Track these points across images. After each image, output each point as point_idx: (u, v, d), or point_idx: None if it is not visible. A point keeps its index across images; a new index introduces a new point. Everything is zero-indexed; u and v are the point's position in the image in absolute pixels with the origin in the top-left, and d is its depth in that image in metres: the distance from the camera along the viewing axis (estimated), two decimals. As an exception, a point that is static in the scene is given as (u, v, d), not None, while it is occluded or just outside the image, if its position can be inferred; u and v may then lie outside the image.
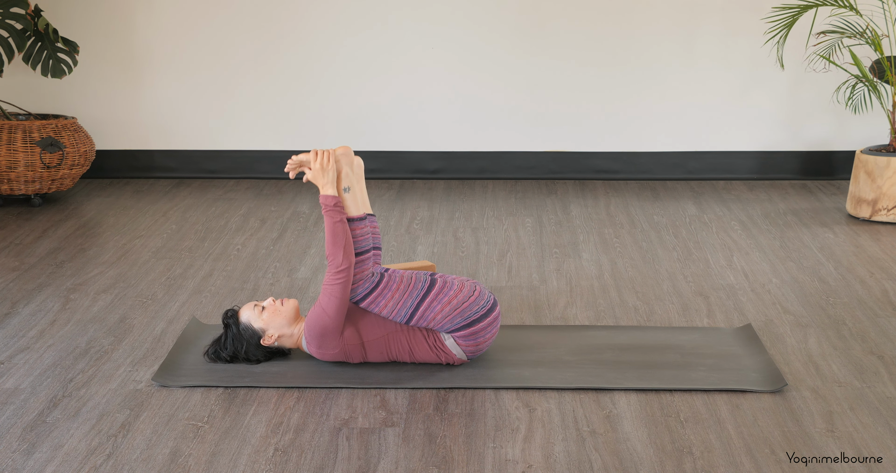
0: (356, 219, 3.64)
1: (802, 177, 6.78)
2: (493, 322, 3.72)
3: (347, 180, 3.63)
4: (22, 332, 4.19)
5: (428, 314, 3.64)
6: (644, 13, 6.57)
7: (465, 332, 3.68)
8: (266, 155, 6.76)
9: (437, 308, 3.64)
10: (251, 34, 6.62)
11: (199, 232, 5.60)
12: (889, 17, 6.06)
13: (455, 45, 6.62)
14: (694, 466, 3.14)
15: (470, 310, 3.66)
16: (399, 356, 3.76)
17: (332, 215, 3.58)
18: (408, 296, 3.63)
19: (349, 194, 3.64)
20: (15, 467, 3.15)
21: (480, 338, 3.71)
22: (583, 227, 5.70)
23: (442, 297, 3.65)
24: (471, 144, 6.77)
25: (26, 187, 6.03)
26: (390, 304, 3.63)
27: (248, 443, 3.28)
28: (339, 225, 3.56)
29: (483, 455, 3.20)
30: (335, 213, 3.57)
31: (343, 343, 3.70)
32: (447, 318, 3.65)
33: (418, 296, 3.64)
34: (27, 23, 5.96)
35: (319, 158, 3.62)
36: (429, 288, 3.66)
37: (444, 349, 3.72)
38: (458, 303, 3.65)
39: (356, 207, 3.65)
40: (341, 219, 3.57)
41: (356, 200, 3.66)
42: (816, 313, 4.39)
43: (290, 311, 3.79)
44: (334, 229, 3.55)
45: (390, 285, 3.64)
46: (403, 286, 3.65)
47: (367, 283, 3.62)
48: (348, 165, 3.64)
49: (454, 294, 3.66)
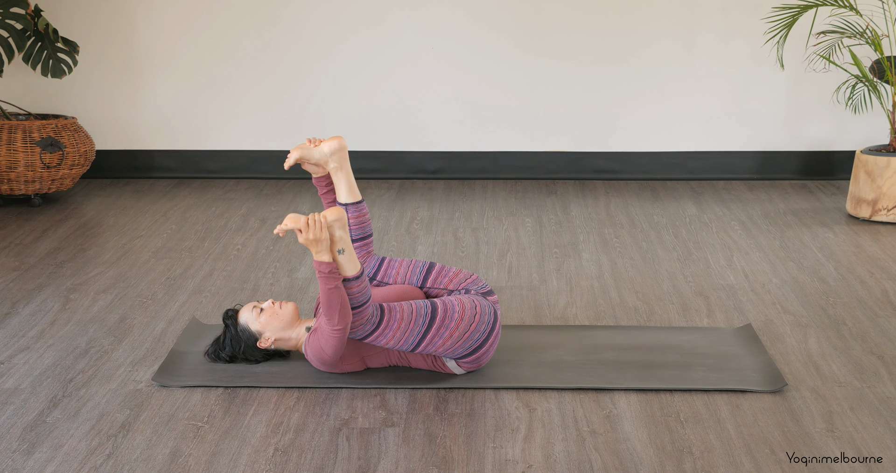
0: (352, 278, 3.54)
1: (802, 177, 6.78)
2: (495, 340, 3.71)
3: (341, 243, 3.53)
4: (22, 332, 4.19)
5: (431, 348, 3.62)
6: (644, 13, 6.57)
7: (468, 358, 3.68)
8: (266, 155, 6.76)
9: (440, 342, 3.61)
10: (251, 34, 6.62)
11: (199, 232, 5.60)
12: (889, 17, 6.06)
13: (455, 45, 6.62)
14: (694, 466, 3.14)
15: (472, 338, 3.63)
16: (399, 363, 3.77)
17: (326, 282, 3.49)
18: (409, 334, 3.59)
19: (344, 256, 3.53)
20: (15, 467, 3.15)
21: (483, 359, 3.71)
22: (583, 227, 5.70)
23: (444, 331, 3.60)
24: (471, 144, 6.78)
25: (26, 187, 6.03)
26: (392, 341, 3.60)
27: (248, 443, 3.28)
28: (334, 291, 3.49)
29: (483, 455, 3.20)
30: (330, 280, 3.49)
31: (343, 365, 3.70)
32: (450, 349, 3.63)
33: (420, 333, 3.59)
34: (27, 23, 5.96)
35: (312, 228, 3.50)
36: (430, 321, 3.60)
37: (444, 368, 3.73)
38: (460, 334, 3.61)
39: (352, 267, 3.54)
40: (336, 285, 3.49)
41: (352, 258, 3.56)
42: (816, 313, 4.39)
43: (288, 315, 3.77)
44: (329, 296, 3.49)
45: (391, 324, 3.58)
46: (405, 324, 3.59)
47: (367, 325, 3.57)
48: (341, 229, 3.54)
49: (456, 324, 3.61)
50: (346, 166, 3.84)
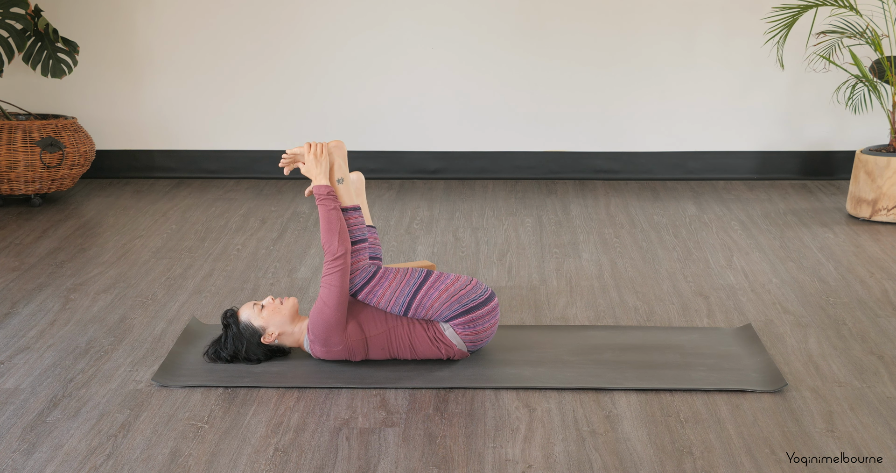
0: (349, 209, 3.73)
1: (802, 177, 6.78)
2: (492, 312, 3.75)
3: (340, 172, 3.74)
4: (22, 332, 4.19)
5: (426, 301, 3.68)
6: (644, 13, 6.57)
7: (463, 319, 3.70)
8: (266, 155, 6.76)
9: (435, 295, 3.68)
10: (251, 34, 6.62)
11: (199, 232, 5.60)
12: (889, 17, 6.06)
13: (455, 45, 6.62)
14: (694, 466, 3.14)
15: (467, 297, 3.71)
16: (400, 351, 3.76)
17: (325, 203, 3.67)
18: (404, 285, 3.69)
19: (342, 186, 3.74)
20: (15, 467, 3.15)
21: (479, 327, 3.72)
22: (583, 227, 5.70)
23: (439, 285, 3.71)
24: (471, 144, 6.78)
25: (26, 187, 6.03)
26: (388, 293, 3.68)
27: (248, 443, 3.28)
28: (332, 213, 3.66)
29: (483, 455, 3.21)
30: (328, 201, 3.67)
31: (347, 339, 3.70)
32: (444, 305, 3.68)
33: (415, 285, 3.69)
34: (27, 23, 5.96)
35: (312, 150, 3.74)
36: (425, 278, 3.73)
37: (443, 340, 3.73)
38: (454, 291, 3.70)
39: (349, 197, 3.75)
40: (335, 207, 3.67)
41: (349, 190, 3.76)
42: (816, 313, 4.39)
43: (290, 309, 3.80)
44: (328, 217, 3.65)
45: (387, 274, 3.72)
46: (400, 277, 3.72)
47: (363, 273, 3.70)
48: (341, 158, 3.76)
49: (450, 283, 3.72)
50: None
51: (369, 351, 3.75)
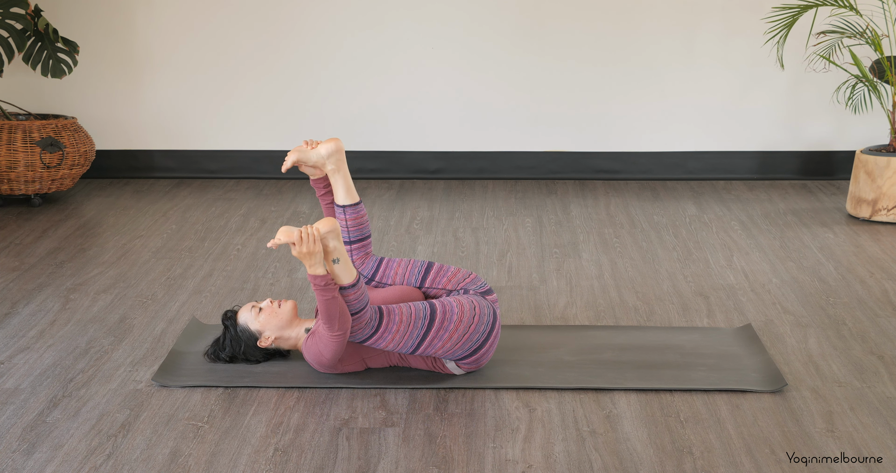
0: (349, 286, 3.53)
1: (802, 177, 6.78)
2: (495, 340, 3.71)
3: (335, 253, 3.51)
4: (22, 332, 4.19)
5: (430, 350, 3.62)
6: (644, 13, 6.57)
7: (468, 360, 3.68)
8: (266, 155, 6.76)
9: (440, 344, 3.61)
10: (251, 34, 6.62)
11: (199, 232, 5.60)
12: (889, 17, 6.06)
13: (455, 45, 6.62)
14: (694, 466, 3.14)
15: (472, 339, 3.63)
16: (399, 364, 3.77)
17: (323, 293, 3.48)
18: (408, 336, 3.59)
19: (339, 265, 3.51)
20: (15, 467, 3.15)
21: (483, 360, 3.71)
22: (583, 227, 5.70)
23: (443, 333, 3.60)
24: (471, 144, 6.78)
25: (26, 187, 6.03)
26: (392, 344, 3.60)
27: (248, 443, 3.28)
28: (331, 301, 3.48)
29: (483, 455, 3.20)
30: (326, 291, 3.48)
31: (343, 366, 3.70)
32: (450, 351, 3.63)
33: (419, 335, 3.59)
34: (27, 23, 5.96)
35: (306, 242, 3.47)
36: (430, 323, 3.59)
37: (443, 369, 3.73)
38: (460, 336, 3.61)
39: (348, 275, 3.53)
40: (333, 296, 3.48)
41: (348, 267, 3.54)
42: (816, 313, 4.39)
43: (288, 313, 3.77)
44: (327, 306, 3.48)
45: (390, 327, 3.58)
46: (404, 327, 3.58)
47: (366, 329, 3.57)
48: (335, 239, 3.52)
49: (455, 326, 3.61)
50: (343, 168, 3.84)
51: (368, 365, 3.76)
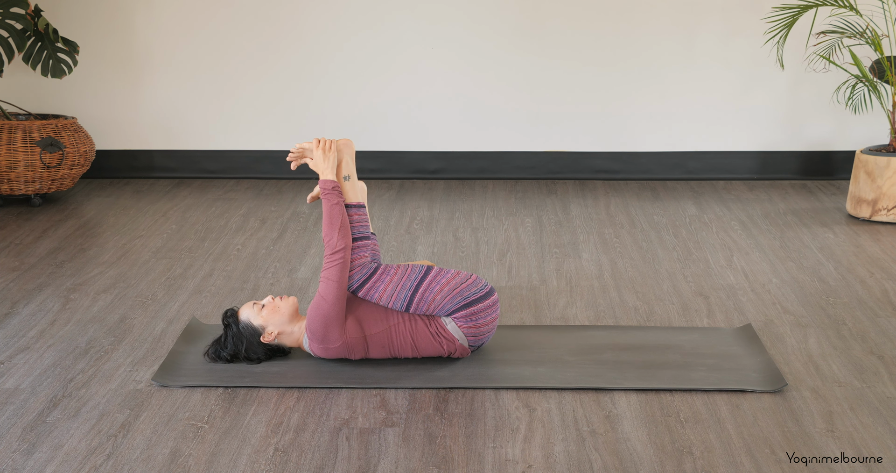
0: (354, 205, 3.76)
1: (802, 177, 6.78)
2: (493, 307, 3.76)
3: (347, 169, 3.77)
4: (22, 332, 4.19)
5: (427, 295, 3.69)
6: (644, 13, 6.57)
7: (465, 312, 3.70)
8: (266, 155, 6.76)
9: (436, 289, 3.69)
10: (251, 34, 6.62)
11: (199, 232, 5.60)
12: (889, 17, 6.06)
13: (455, 45, 6.62)
14: (694, 466, 3.14)
15: (468, 290, 3.72)
16: (401, 350, 3.76)
17: (329, 197, 3.71)
18: (405, 280, 3.70)
19: (348, 183, 3.77)
20: (15, 467, 3.15)
21: (481, 320, 3.73)
22: (583, 227, 5.70)
23: (440, 279, 3.72)
24: (471, 144, 6.78)
25: (26, 187, 6.03)
26: (388, 289, 3.69)
27: (248, 443, 3.28)
28: (336, 207, 3.69)
29: (483, 455, 3.21)
30: (333, 196, 3.71)
31: (345, 336, 3.70)
32: (446, 298, 3.69)
33: (415, 280, 3.70)
34: (27, 23, 5.96)
35: (321, 145, 3.78)
36: (425, 274, 3.74)
37: (445, 334, 3.73)
38: (455, 285, 3.72)
39: (355, 195, 3.78)
40: (338, 202, 3.70)
41: (355, 189, 3.79)
42: (816, 313, 4.39)
43: (290, 308, 3.80)
44: (331, 212, 3.69)
45: (387, 270, 3.73)
46: (400, 273, 3.73)
47: (363, 269, 3.71)
48: (349, 156, 3.79)
49: (451, 278, 3.74)
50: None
51: (369, 350, 3.75)
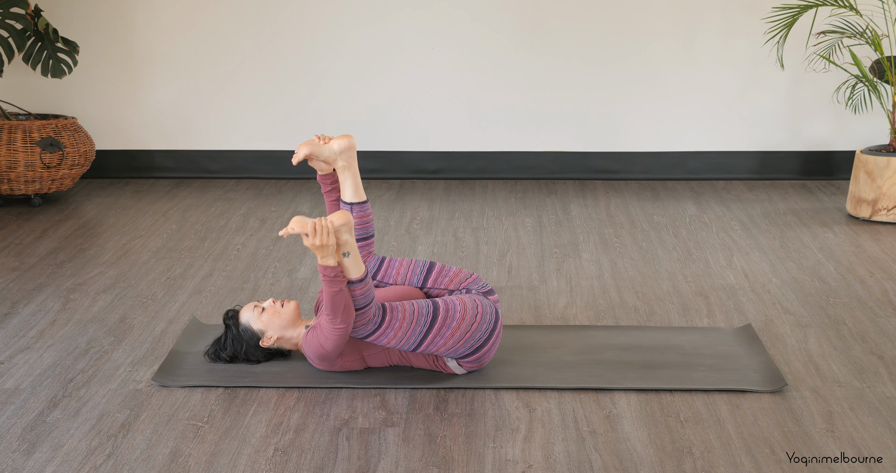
0: (356, 281, 3.54)
1: (802, 177, 6.78)
2: (496, 340, 3.70)
3: (347, 246, 3.53)
4: (22, 332, 4.19)
5: (432, 347, 3.62)
6: (644, 13, 6.57)
7: (470, 358, 3.68)
8: (266, 155, 6.76)
9: (441, 342, 3.60)
10: (251, 34, 6.62)
11: (199, 232, 5.60)
12: (889, 17, 6.06)
13: (455, 45, 6.62)
14: (694, 466, 3.14)
15: (474, 337, 3.63)
16: (400, 363, 3.77)
17: (331, 285, 3.50)
18: (411, 333, 3.59)
19: (349, 258, 3.53)
20: (15, 467, 3.15)
21: (484, 359, 3.71)
22: (583, 227, 5.70)
23: (445, 330, 3.60)
24: (471, 144, 6.78)
25: (26, 187, 6.03)
26: (394, 341, 3.60)
27: (248, 443, 3.28)
28: (338, 294, 3.50)
29: (483, 455, 3.20)
30: (335, 283, 3.50)
31: (343, 362, 3.70)
32: (452, 349, 3.63)
33: (422, 332, 3.59)
34: (27, 23, 5.96)
35: (319, 234, 3.48)
36: (432, 321, 3.60)
37: (444, 368, 3.73)
38: (462, 333, 3.61)
39: (356, 269, 3.55)
40: (340, 289, 3.50)
41: (357, 261, 3.56)
42: (816, 313, 4.39)
43: (290, 313, 3.77)
44: (334, 298, 3.50)
45: (393, 323, 3.58)
46: (406, 324, 3.58)
47: (369, 325, 3.57)
48: (348, 233, 3.53)
49: (457, 325, 3.61)
50: (353, 165, 3.84)
51: (367, 364, 3.76)
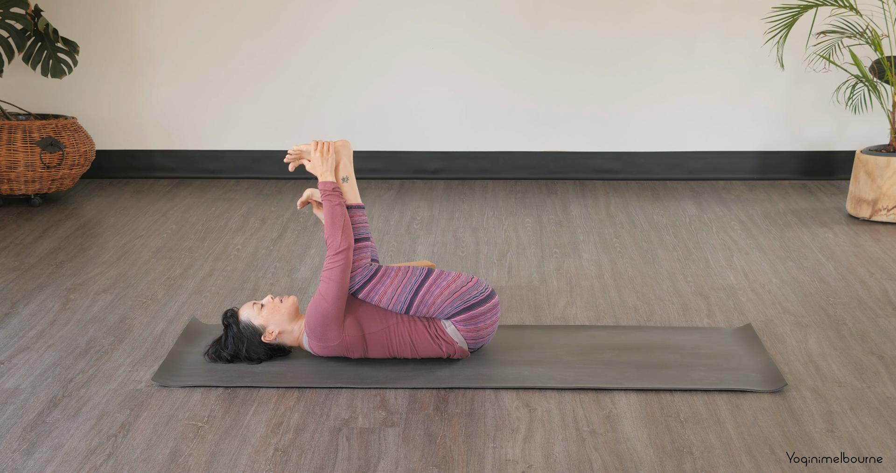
0: (354, 206, 3.77)
1: (802, 177, 6.78)
2: (493, 310, 3.75)
3: (345, 171, 3.79)
4: (22, 332, 4.19)
5: (427, 298, 3.68)
6: (644, 13, 6.57)
7: (464, 316, 3.70)
8: (266, 155, 6.76)
9: (437, 292, 3.69)
10: (251, 34, 6.62)
11: (199, 232, 5.60)
12: (889, 17, 6.06)
13: (455, 45, 6.62)
14: (694, 466, 3.14)
15: (469, 294, 3.72)
16: (400, 350, 3.76)
17: (330, 199, 3.72)
18: (406, 283, 3.70)
19: (347, 184, 3.79)
20: (15, 467, 3.15)
21: (481, 324, 3.72)
22: (583, 227, 5.70)
23: (440, 282, 3.72)
24: (471, 144, 6.78)
25: (26, 187, 6.03)
26: (389, 291, 3.69)
27: (248, 443, 3.28)
28: (337, 208, 3.70)
29: (483, 455, 3.21)
30: (334, 197, 3.72)
31: (344, 335, 3.70)
32: (446, 302, 3.69)
33: (416, 283, 3.70)
34: (27, 23, 5.96)
35: (319, 148, 3.78)
36: (426, 276, 3.74)
37: (444, 338, 3.73)
38: (455, 288, 3.71)
39: (354, 196, 3.80)
40: (340, 202, 3.71)
41: (354, 189, 3.81)
42: (816, 313, 4.39)
43: (290, 307, 3.81)
44: (333, 212, 3.70)
45: (388, 272, 3.73)
46: (401, 275, 3.73)
47: (364, 271, 3.71)
48: (347, 157, 3.80)
49: (451, 280, 3.73)
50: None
51: (368, 349, 3.75)
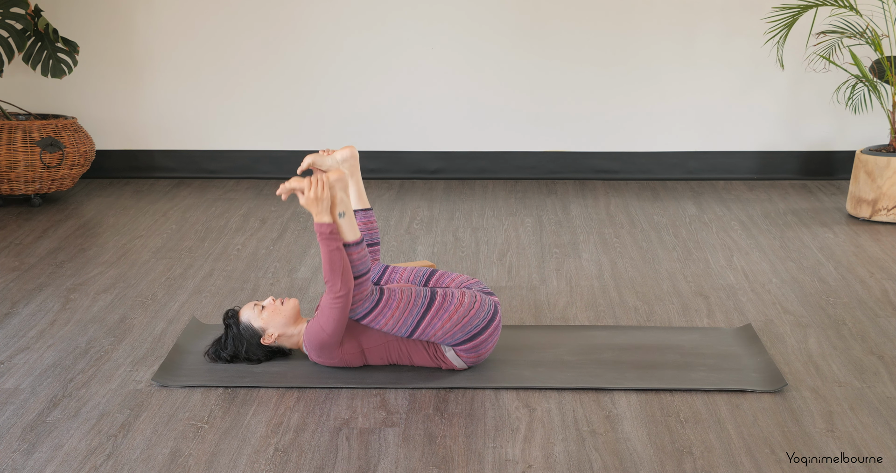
0: (352, 244, 3.58)
1: (802, 177, 6.78)
2: (494, 332, 3.71)
3: (342, 206, 3.57)
4: (22, 332, 4.19)
5: (429, 330, 3.63)
6: (644, 13, 6.57)
7: (466, 346, 3.68)
8: (266, 155, 6.76)
9: (438, 325, 3.62)
10: (251, 34, 6.62)
11: (199, 232, 5.60)
12: (889, 17, 6.06)
13: (455, 45, 6.62)
14: (694, 466, 3.14)
15: (471, 324, 3.65)
16: (399, 361, 3.77)
17: (328, 243, 3.53)
18: (408, 314, 3.61)
19: (344, 219, 3.57)
20: (15, 467, 3.15)
21: (482, 349, 3.71)
22: (583, 227, 5.70)
23: (442, 313, 3.62)
24: (471, 144, 6.78)
25: (26, 187, 6.03)
26: (391, 322, 3.62)
27: (248, 443, 3.28)
28: (335, 252, 3.52)
29: (483, 455, 3.21)
30: (331, 241, 3.52)
31: (342, 353, 3.71)
32: (448, 334, 3.64)
33: (419, 314, 3.61)
34: (27, 23, 5.96)
35: (313, 188, 3.54)
36: (429, 304, 3.63)
37: (444, 360, 3.73)
38: (458, 318, 3.63)
39: (352, 232, 3.59)
40: (338, 246, 3.52)
41: (352, 224, 3.61)
42: (816, 313, 4.39)
43: (291, 310, 3.79)
44: (331, 257, 3.52)
45: (390, 302, 3.61)
46: (403, 304, 3.61)
47: (366, 302, 3.60)
48: (342, 191, 3.58)
49: (454, 309, 3.63)
50: (356, 174, 3.96)
51: (367, 359, 3.76)
